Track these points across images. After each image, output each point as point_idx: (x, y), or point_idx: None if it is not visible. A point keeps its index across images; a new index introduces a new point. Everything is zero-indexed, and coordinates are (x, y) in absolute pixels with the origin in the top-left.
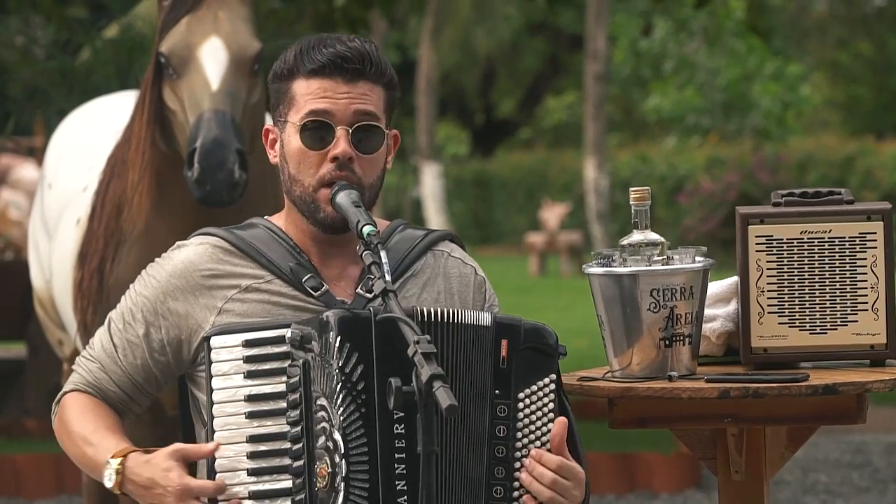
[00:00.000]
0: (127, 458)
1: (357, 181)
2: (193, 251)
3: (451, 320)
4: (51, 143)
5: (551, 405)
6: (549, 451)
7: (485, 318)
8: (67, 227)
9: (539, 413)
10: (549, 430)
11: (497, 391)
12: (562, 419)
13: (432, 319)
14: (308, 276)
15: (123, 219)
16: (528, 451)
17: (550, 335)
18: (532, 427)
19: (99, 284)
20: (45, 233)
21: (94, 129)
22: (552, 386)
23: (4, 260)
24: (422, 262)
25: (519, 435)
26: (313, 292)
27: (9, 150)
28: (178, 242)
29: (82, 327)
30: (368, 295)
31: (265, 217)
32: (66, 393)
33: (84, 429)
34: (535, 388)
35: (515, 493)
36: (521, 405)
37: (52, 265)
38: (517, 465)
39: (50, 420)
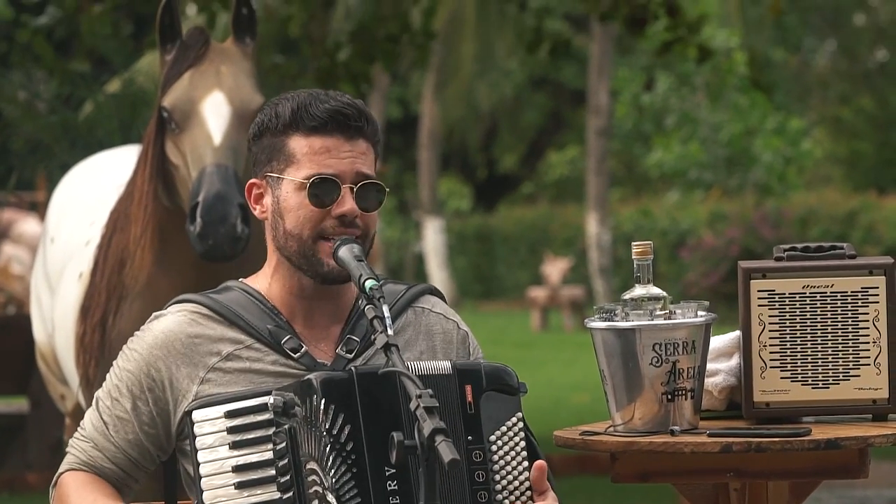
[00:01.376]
0: None
1: (361, 234)
2: (172, 320)
3: (413, 373)
4: (53, 197)
5: (522, 443)
6: (529, 494)
7: (445, 367)
8: (70, 281)
9: (513, 453)
10: (524, 469)
11: (469, 437)
12: (539, 464)
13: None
14: (287, 337)
15: (126, 273)
16: (509, 491)
17: (511, 375)
18: (508, 468)
19: (101, 339)
20: (47, 287)
21: (97, 184)
22: (520, 424)
23: (7, 314)
24: (403, 320)
25: (497, 478)
26: (293, 354)
27: (11, 204)
28: (154, 313)
29: (84, 381)
30: (349, 356)
31: (241, 280)
32: (61, 474)
33: (83, 502)
34: (504, 428)
35: None
36: (494, 447)
37: (55, 319)
38: None
39: (51, 474)
